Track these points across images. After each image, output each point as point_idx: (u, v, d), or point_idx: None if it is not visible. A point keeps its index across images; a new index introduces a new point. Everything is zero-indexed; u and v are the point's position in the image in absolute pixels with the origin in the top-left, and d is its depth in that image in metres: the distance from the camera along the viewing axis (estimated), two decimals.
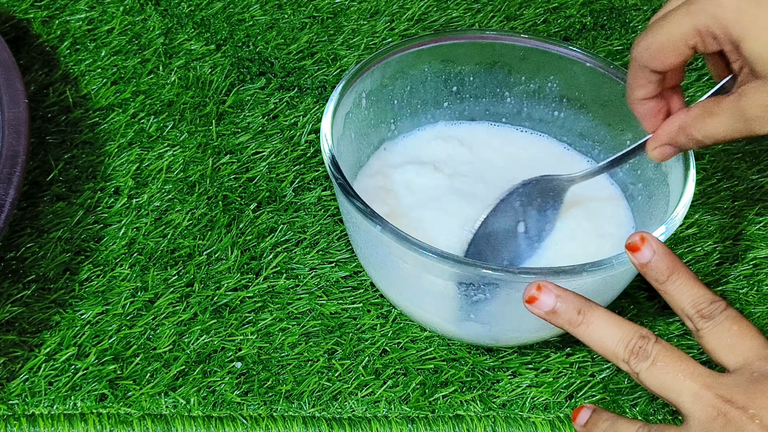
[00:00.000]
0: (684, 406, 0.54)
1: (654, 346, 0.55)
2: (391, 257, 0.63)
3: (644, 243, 0.57)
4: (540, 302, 0.57)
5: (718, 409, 0.53)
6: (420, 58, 0.71)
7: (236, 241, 0.72)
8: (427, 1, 0.90)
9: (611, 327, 0.56)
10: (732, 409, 0.53)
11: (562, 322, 0.57)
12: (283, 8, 0.89)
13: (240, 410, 0.64)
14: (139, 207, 0.73)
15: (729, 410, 0.53)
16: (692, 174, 0.64)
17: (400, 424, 0.64)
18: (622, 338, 0.56)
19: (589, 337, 0.57)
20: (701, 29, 0.56)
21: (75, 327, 0.67)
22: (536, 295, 0.57)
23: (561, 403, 0.66)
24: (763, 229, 0.76)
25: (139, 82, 0.81)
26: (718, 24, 0.56)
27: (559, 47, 0.71)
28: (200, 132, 0.78)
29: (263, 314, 0.69)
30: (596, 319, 0.57)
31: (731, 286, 0.73)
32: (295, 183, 0.76)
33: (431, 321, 0.66)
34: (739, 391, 0.53)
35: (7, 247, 0.69)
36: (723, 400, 0.53)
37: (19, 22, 0.84)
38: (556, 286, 0.57)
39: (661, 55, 0.58)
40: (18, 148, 0.67)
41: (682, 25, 0.57)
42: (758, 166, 0.80)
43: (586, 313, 0.57)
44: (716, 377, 0.54)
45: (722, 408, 0.53)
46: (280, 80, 0.83)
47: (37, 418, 0.63)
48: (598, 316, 0.57)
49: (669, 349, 0.55)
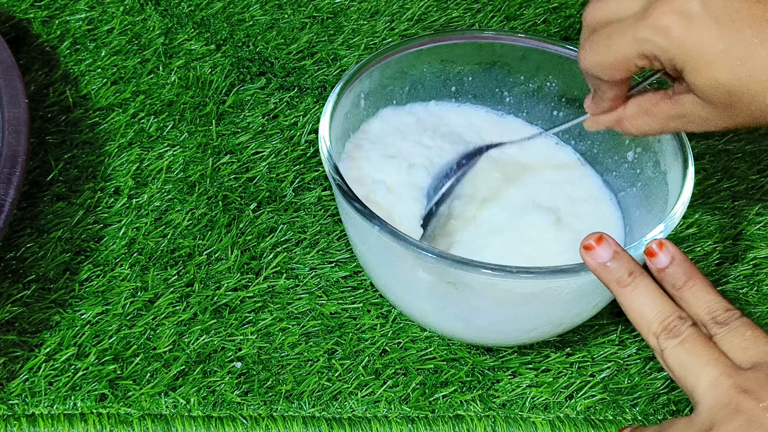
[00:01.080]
0: (698, 391, 0.54)
1: (688, 329, 0.56)
2: (389, 257, 0.63)
3: (662, 248, 0.58)
4: (595, 253, 0.58)
5: (732, 397, 0.53)
6: (419, 58, 0.71)
7: (236, 241, 0.72)
8: (427, 1, 0.90)
9: (655, 299, 0.57)
10: (746, 399, 0.53)
11: (610, 279, 0.57)
12: (283, 8, 0.89)
13: (240, 410, 0.64)
14: (139, 207, 0.73)
15: (743, 400, 0.53)
16: (691, 172, 0.64)
17: (400, 424, 0.64)
18: (661, 312, 0.56)
19: (630, 302, 0.57)
20: (648, 55, 0.57)
21: (75, 327, 0.67)
22: (593, 245, 0.58)
23: (561, 403, 0.66)
24: (763, 229, 0.76)
25: (139, 82, 0.81)
26: (664, 55, 0.57)
27: (559, 47, 0.71)
28: (200, 132, 0.78)
29: (263, 314, 0.69)
30: (643, 287, 0.57)
31: (731, 286, 0.73)
32: (295, 183, 0.76)
33: (431, 321, 0.66)
34: (758, 384, 0.53)
35: (7, 247, 0.69)
36: (739, 390, 0.53)
37: (19, 22, 0.84)
38: (616, 243, 0.58)
39: (609, 72, 0.60)
40: (18, 148, 0.67)
41: (629, 50, 0.58)
42: (758, 166, 0.80)
43: (636, 277, 0.57)
44: (738, 368, 0.54)
45: (736, 397, 0.53)
46: (280, 80, 0.83)
47: (37, 418, 0.63)
48: (645, 284, 0.57)
49: (701, 335, 0.56)
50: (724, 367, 0.54)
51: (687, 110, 0.59)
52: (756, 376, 0.54)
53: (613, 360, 0.68)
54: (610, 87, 0.61)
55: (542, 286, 0.61)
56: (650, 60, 0.58)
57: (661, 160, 0.68)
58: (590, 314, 0.65)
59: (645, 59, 0.58)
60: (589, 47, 0.60)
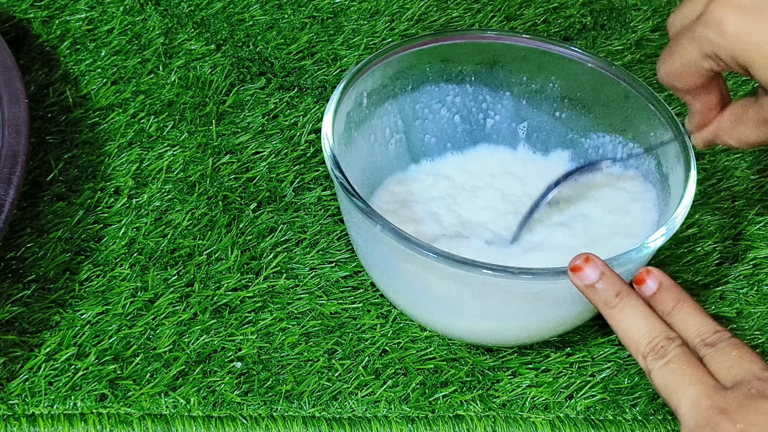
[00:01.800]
0: (680, 411, 0.54)
1: (674, 349, 0.55)
2: (390, 256, 0.63)
3: (649, 275, 0.58)
4: (583, 274, 0.58)
5: (710, 418, 0.53)
6: (420, 58, 0.71)
7: (236, 241, 0.72)
8: (427, 1, 0.90)
9: (642, 319, 0.56)
10: (723, 419, 0.53)
11: (598, 300, 0.57)
12: (283, 8, 0.89)
13: (240, 410, 0.64)
14: (139, 207, 0.73)
15: (720, 421, 0.53)
16: (693, 175, 0.64)
17: (400, 424, 0.64)
18: (648, 332, 0.56)
19: (617, 323, 0.57)
20: (710, 54, 0.55)
21: (75, 327, 0.67)
22: (581, 266, 0.57)
23: (561, 403, 0.66)
24: (763, 229, 0.76)
25: (139, 82, 0.81)
26: (723, 52, 0.55)
27: (560, 47, 0.71)
28: (200, 132, 0.78)
29: (263, 314, 0.69)
30: (630, 308, 0.57)
31: (731, 286, 0.73)
32: (295, 183, 0.76)
33: (431, 321, 0.66)
34: (735, 405, 0.53)
35: (7, 247, 0.69)
36: (717, 411, 0.53)
37: (19, 22, 0.84)
38: (603, 263, 0.58)
39: (682, 79, 0.58)
40: (18, 148, 0.67)
41: (691, 52, 0.56)
42: (758, 166, 0.80)
43: (623, 298, 0.57)
44: (718, 389, 0.54)
45: (714, 418, 0.53)
46: (280, 80, 0.83)
47: (37, 418, 0.63)
48: (632, 305, 0.57)
49: (687, 355, 0.55)
50: (705, 388, 0.54)
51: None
52: (734, 396, 0.54)
53: (613, 360, 0.68)
54: (693, 97, 0.59)
55: (543, 286, 0.61)
56: (714, 60, 0.56)
57: (663, 162, 0.68)
58: (591, 314, 0.65)
59: (709, 59, 0.56)
60: (660, 57, 0.59)
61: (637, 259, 0.60)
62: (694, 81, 0.58)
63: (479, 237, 0.68)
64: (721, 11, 0.54)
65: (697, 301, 0.71)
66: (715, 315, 0.70)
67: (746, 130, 0.59)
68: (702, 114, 0.61)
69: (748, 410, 0.53)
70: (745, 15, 0.53)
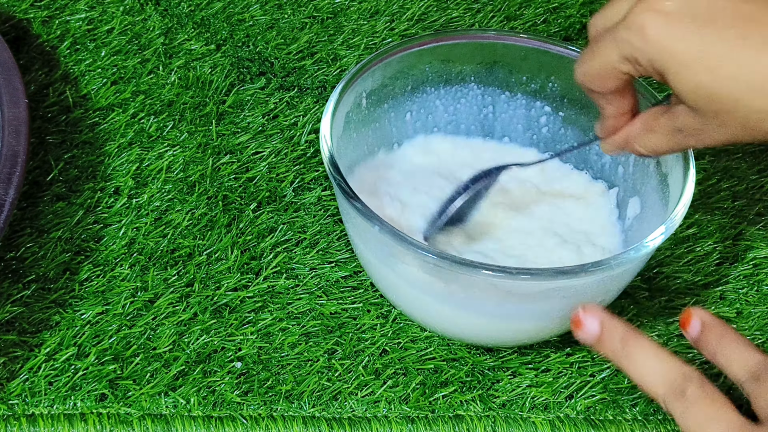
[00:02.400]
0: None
1: (694, 390, 0.54)
2: (390, 257, 0.63)
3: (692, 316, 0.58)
4: (585, 327, 0.57)
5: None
6: (420, 58, 0.71)
7: (236, 241, 0.72)
8: (427, 1, 0.90)
9: (653, 360, 0.55)
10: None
11: (606, 351, 0.56)
12: (283, 8, 0.89)
13: (240, 410, 0.64)
14: (139, 207, 0.73)
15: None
16: (692, 174, 0.64)
17: (400, 424, 0.64)
18: (664, 375, 0.55)
19: (629, 371, 0.56)
20: (629, 58, 0.55)
21: (75, 327, 0.67)
22: (583, 319, 0.57)
23: (561, 403, 0.66)
24: (763, 229, 0.76)
25: (139, 82, 0.81)
26: (642, 56, 0.54)
27: (560, 47, 0.71)
28: (200, 132, 0.78)
29: (263, 314, 0.69)
30: (638, 351, 0.55)
31: (731, 286, 0.73)
32: (295, 183, 0.76)
33: (431, 321, 0.66)
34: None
35: (7, 247, 0.69)
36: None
37: (19, 22, 0.84)
38: (601, 310, 0.56)
39: (598, 81, 0.58)
40: (18, 148, 0.67)
41: (610, 54, 0.55)
42: (758, 166, 0.80)
43: (628, 343, 0.56)
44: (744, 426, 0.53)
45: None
46: (280, 80, 0.83)
47: (37, 418, 0.63)
48: (640, 347, 0.55)
49: (709, 392, 0.54)
50: (727, 425, 0.53)
51: (682, 122, 0.56)
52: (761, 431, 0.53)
53: None
54: (608, 101, 0.59)
55: (542, 287, 0.61)
56: (633, 64, 0.55)
57: (662, 161, 0.68)
58: None
59: (627, 63, 0.55)
60: (579, 58, 0.58)
61: (635, 258, 0.60)
62: (610, 84, 0.57)
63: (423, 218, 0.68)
64: (645, 15, 0.53)
65: (697, 301, 0.72)
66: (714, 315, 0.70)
67: (657, 139, 0.59)
68: (614, 119, 0.60)
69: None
70: (668, 21, 0.53)
